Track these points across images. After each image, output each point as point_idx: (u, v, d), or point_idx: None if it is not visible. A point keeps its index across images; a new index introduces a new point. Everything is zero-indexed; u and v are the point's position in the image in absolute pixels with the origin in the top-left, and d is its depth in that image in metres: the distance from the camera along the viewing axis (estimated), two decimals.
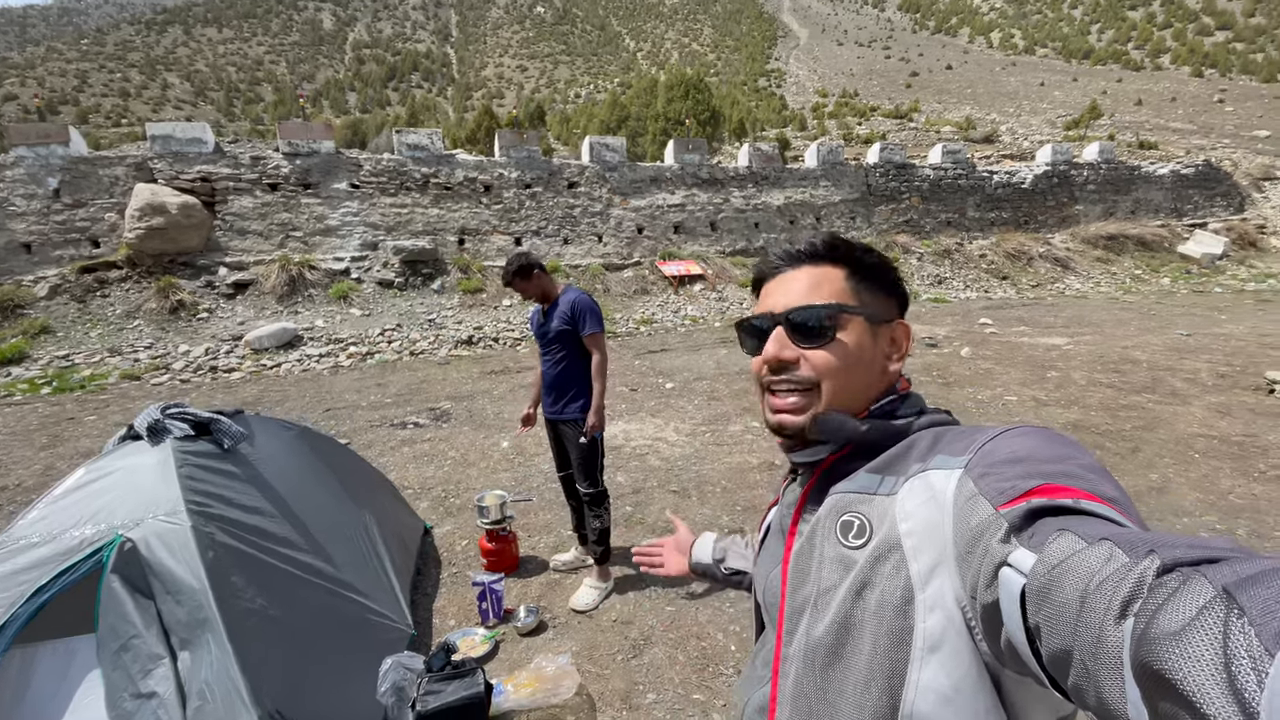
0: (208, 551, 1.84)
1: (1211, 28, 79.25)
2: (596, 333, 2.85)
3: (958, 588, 0.54)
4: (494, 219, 12.28)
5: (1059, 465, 0.52)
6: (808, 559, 0.67)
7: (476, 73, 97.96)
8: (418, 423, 5.67)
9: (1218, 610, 0.30)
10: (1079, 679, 0.39)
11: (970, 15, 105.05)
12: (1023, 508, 0.48)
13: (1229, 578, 0.32)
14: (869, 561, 0.59)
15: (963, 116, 40.30)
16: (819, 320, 0.70)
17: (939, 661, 0.54)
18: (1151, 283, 15.14)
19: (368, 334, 9.45)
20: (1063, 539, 0.43)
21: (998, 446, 0.57)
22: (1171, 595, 0.33)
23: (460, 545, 3.44)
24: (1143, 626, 0.34)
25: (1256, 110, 40.41)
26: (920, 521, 0.57)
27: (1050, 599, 0.41)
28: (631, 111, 33.40)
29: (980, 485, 0.53)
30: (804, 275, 0.74)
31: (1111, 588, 0.37)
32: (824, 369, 0.70)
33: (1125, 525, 0.45)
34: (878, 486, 0.64)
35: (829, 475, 0.71)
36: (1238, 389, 5.87)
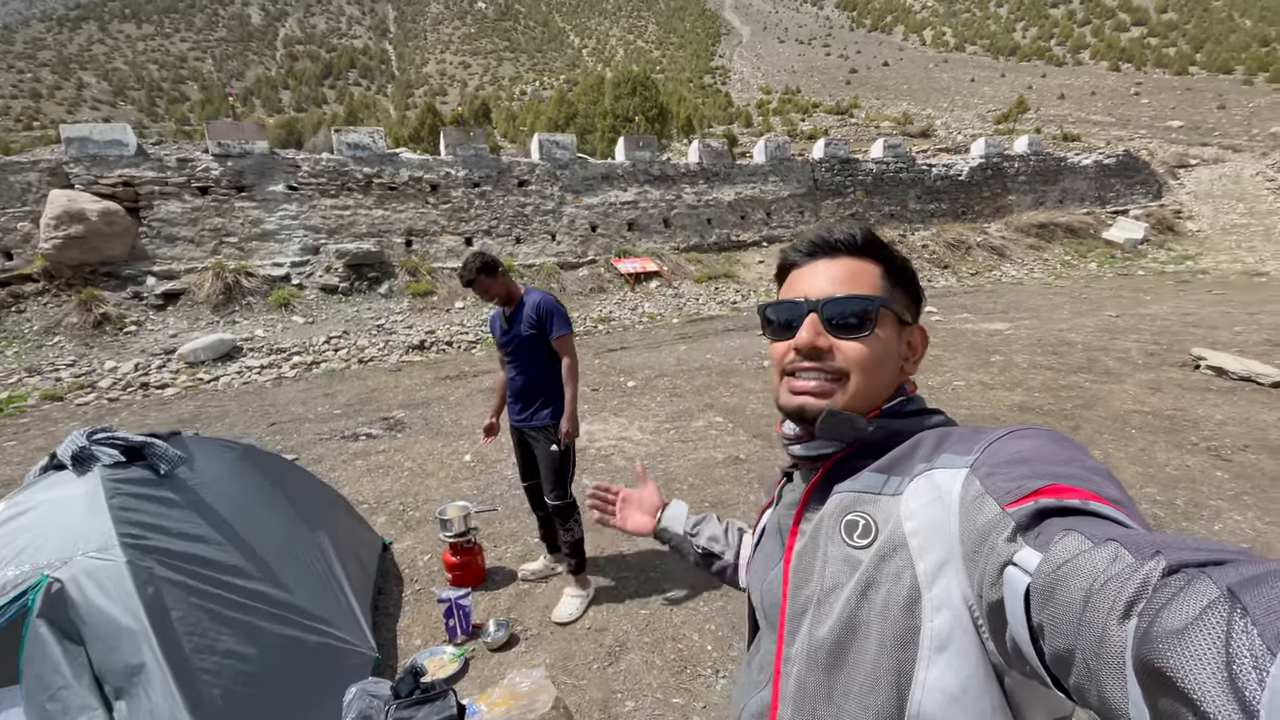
0: (146, 588, 1.69)
1: (1127, 24, 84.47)
2: (565, 335, 2.75)
3: (965, 586, 0.54)
4: (442, 219, 11.96)
5: (1065, 466, 0.52)
6: (811, 559, 0.66)
7: (417, 69, 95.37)
8: (370, 433, 5.44)
9: (1221, 610, 0.30)
10: (1081, 678, 0.39)
11: (904, 13, 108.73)
12: (1030, 507, 0.48)
13: (1233, 578, 0.32)
14: (874, 561, 0.59)
15: (900, 112, 41.68)
16: (862, 312, 0.69)
17: (946, 661, 0.54)
18: (1080, 268, 15.99)
19: (312, 342, 9.05)
20: (1068, 539, 0.43)
21: (1003, 447, 0.57)
22: (1176, 595, 0.33)
23: (423, 560, 3.31)
24: (1145, 625, 0.34)
25: (1170, 102, 43.28)
26: (926, 520, 0.57)
27: (1054, 598, 0.41)
28: (579, 109, 33.15)
29: (987, 484, 0.53)
30: (842, 266, 0.72)
31: (1116, 588, 0.37)
32: (857, 361, 0.68)
33: (1131, 527, 0.45)
34: (883, 486, 0.64)
35: (832, 474, 0.70)
36: (1166, 366, 6.24)
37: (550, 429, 2.76)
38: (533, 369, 2.78)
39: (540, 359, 2.78)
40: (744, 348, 8.18)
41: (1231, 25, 75.13)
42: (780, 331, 0.73)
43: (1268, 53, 62.46)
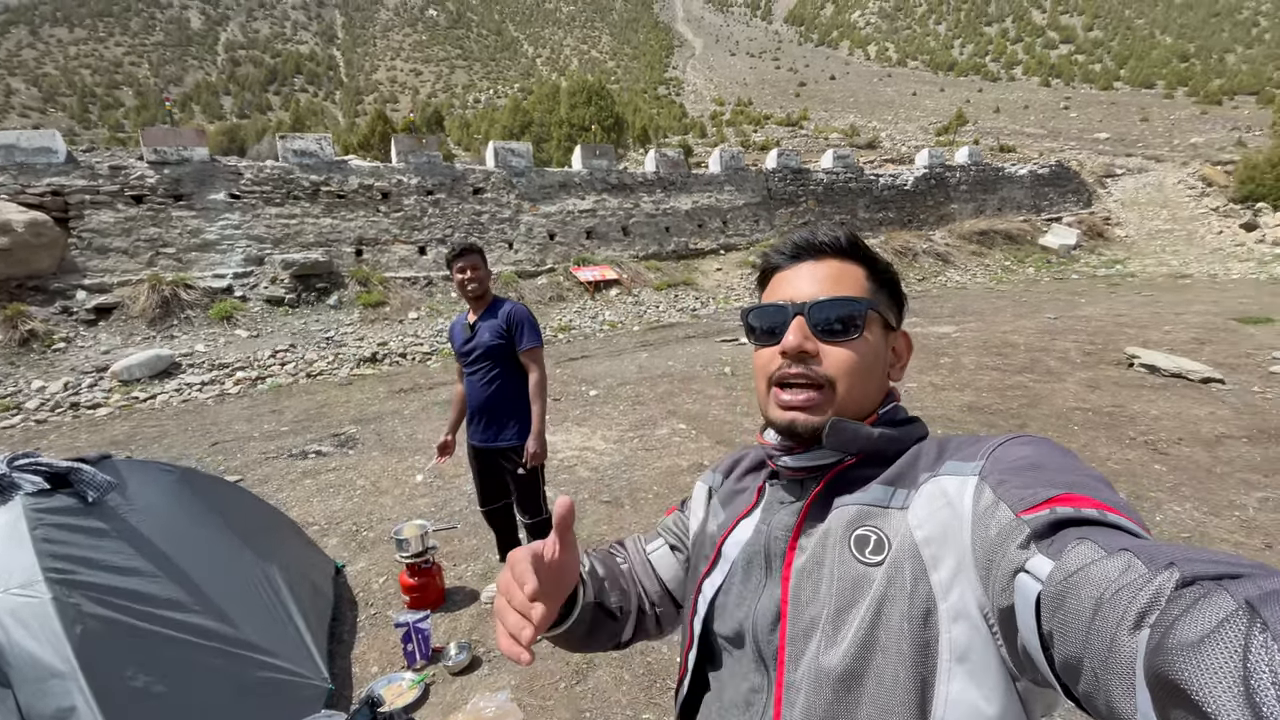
0: (74, 626, 1.55)
1: (1056, 41, 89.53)
2: (535, 348, 2.64)
3: (980, 595, 0.53)
4: (394, 228, 11.67)
5: (1072, 475, 0.52)
6: (815, 577, 0.63)
7: (367, 76, 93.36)
8: (320, 451, 5.22)
9: (1239, 623, 0.30)
10: (1089, 686, 0.39)
11: (849, 29, 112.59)
12: (1046, 516, 0.48)
13: (1251, 592, 0.31)
14: (887, 576, 0.58)
15: (847, 124, 43.02)
16: (850, 315, 0.67)
17: (967, 672, 0.53)
18: (1019, 272, 16.75)
19: (257, 356, 8.66)
20: (1082, 547, 0.43)
21: (1006, 453, 0.57)
22: (1191, 607, 0.33)
23: (378, 583, 3.17)
24: (1159, 637, 0.33)
25: (1097, 115, 45.99)
26: (936, 528, 0.57)
27: (1065, 605, 0.41)
28: (535, 117, 33.00)
29: (999, 492, 0.53)
30: (828, 268, 0.70)
31: (1128, 597, 0.37)
32: (843, 367, 0.66)
33: (1144, 538, 0.44)
34: (890, 499, 0.62)
35: (832, 486, 0.67)
36: (1102, 364, 6.56)
37: (517, 450, 2.66)
38: (497, 382, 2.66)
39: (506, 372, 2.66)
40: (705, 354, 8.23)
41: (1153, 42, 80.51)
42: (765, 337, 0.71)
43: (1186, 68, 67.21)
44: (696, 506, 0.87)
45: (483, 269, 2.59)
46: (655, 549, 0.89)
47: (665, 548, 0.89)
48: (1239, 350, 6.58)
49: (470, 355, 2.67)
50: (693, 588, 0.77)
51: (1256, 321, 8.03)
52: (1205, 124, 41.13)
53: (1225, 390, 5.36)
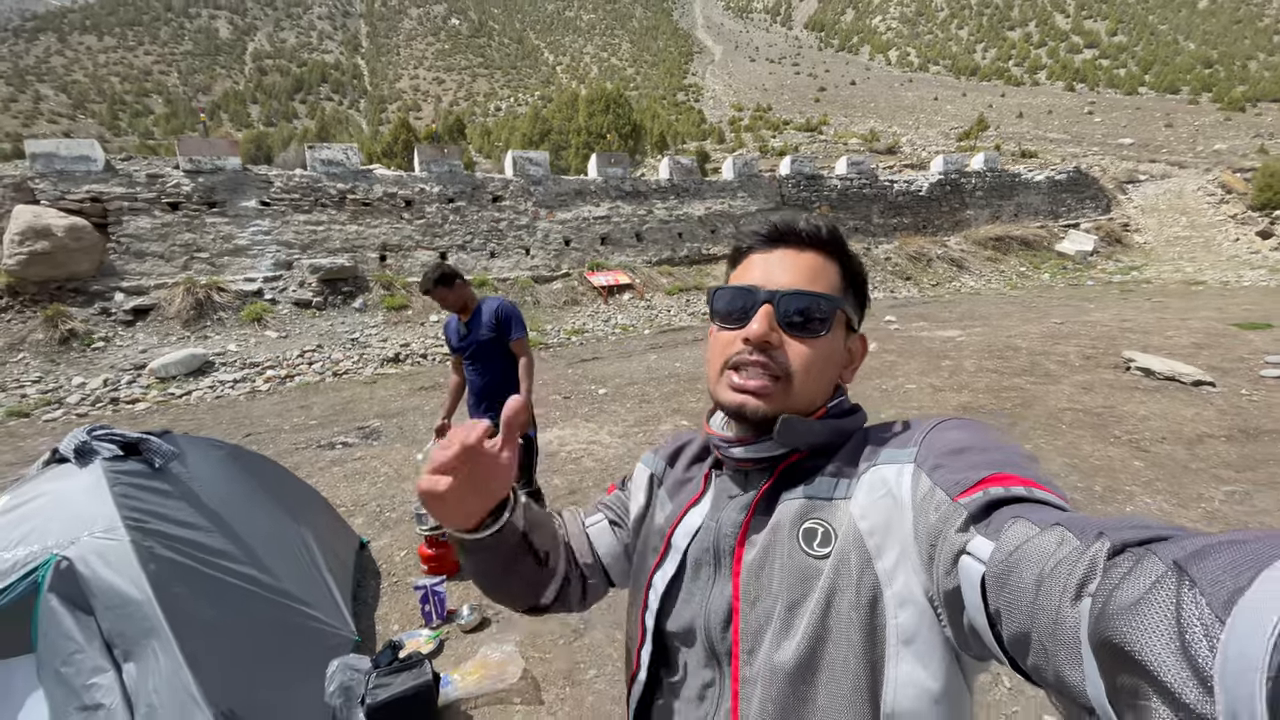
0: (149, 564, 1.87)
1: (1080, 46, 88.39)
2: (522, 337, 3.02)
3: (924, 579, 0.54)
4: (417, 234, 12.12)
5: (998, 454, 0.56)
6: (766, 571, 0.63)
7: (390, 84, 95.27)
8: (346, 442, 5.59)
9: (1169, 583, 0.32)
10: (1038, 659, 0.41)
11: (870, 34, 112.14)
12: (979, 498, 0.50)
13: (1178, 553, 0.33)
14: (834, 567, 0.59)
15: (868, 129, 42.96)
16: (819, 311, 0.67)
17: (914, 654, 0.55)
18: (1034, 279, 16.73)
19: (286, 356, 9.12)
20: (1017, 526, 0.45)
21: (937, 438, 0.60)
22: (1127, 574, 0.35)
23: (399, 556, 3.49)
24: (1100, 604, 0.35)
25: (1121, 120, 45.39)
26: (879, 517, 0.58)
27: (1008, 584, 0.43)
28: (554, 125, 33.60)
29: (934, 477, 0.56)
30: (805, 259, 0.69)
31: (1066, 570, 0.39)
32: (802, 362, 0.66)
33: (1069, 510, 0.48)
34: (833, 490, 0.63)
35: (780, 479, 0.68)
36: (1100, 368, 6.69)
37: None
38: (493, 370, 3.04)
39: (500, 361, 3.04)
40: None
41: (1176, 48, 79.17)
42: (729, 319, 0.69)
43: (1210, 74, 66.03)
44: (637, 490, 0.85)
45: (452, 295, 2.97)
46: (594, 523, 0.87)
47: (604, 522, 0.87)
48: (1234, 355, 6.67)
49: (466, 350, 3.07)
50: (642, 581, 0.74)
51: (1256, 327, 8.07)
52: (1229, 130, 40.39)
53: (1215, 393, 5.49)
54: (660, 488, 0.82)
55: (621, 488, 0.90)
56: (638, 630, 0.73)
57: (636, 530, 0.83)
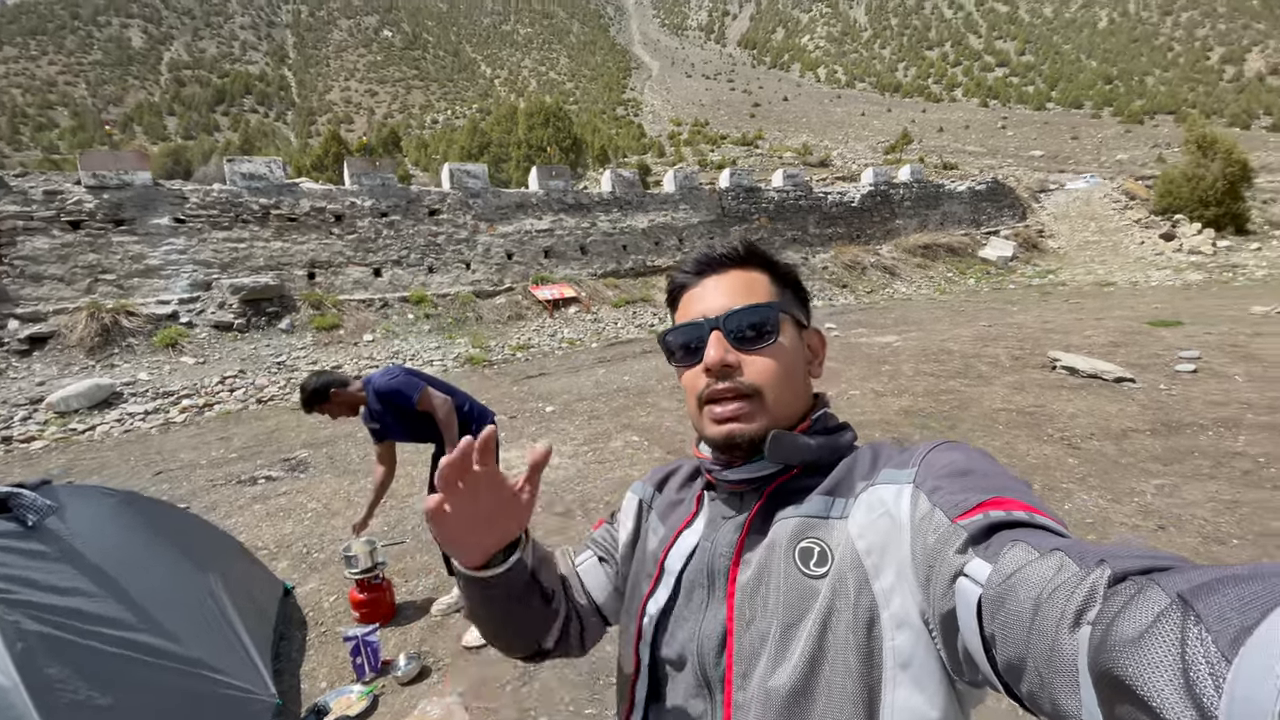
0: (15, 643, 1.59)
1: (992, 65, 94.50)
2: (420, 395, 2.72)
3: (920, 601, 0.54)
4: (348, 250, 11.59)
5: (998, 479, 0.55)
6: (761, 593, 0.62)
7: (320, 97, 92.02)
8: (270, 476, 5.18)
9: (1174, 617, 0.31)
10: (1033, 686, 0.40)
11: (800, 52, 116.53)
12: (980, 520, 0.49)
13: (1182, 586, 0.32)
14: (832, 588, 0.58)
15: (800, 143, 44.44)
16: (763, 321, 0.67)
17: (911, 679, 0.54)
18: (961, 283, 17.55)
19: (204, 384, 8.48)
20: (1016, 549, 0.45)
21: (935, 459, 0.60)
22: (1127, 603, 0.34)
23: (328, 602, 3.20)
24: (1100, 634, 0.34)
25: (1031, 134, 48.71)
26: (877, 537, 0.58)
27: (1005, 608, 0.43)
28: (493, 138, 33.18)
29: (934, 498, 0.55)
30: (732, 279, 0.71)
31: (1064, 596, 0.38)
32: (766, 375, 0.67)
33: (1069, 537, 0.47)
34: (830, 509, 0.63)
35: (773, 499, 0.68)
36: (1028, 368, 6.98)
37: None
38: (427, 433, 2.83)
39: (423, 423, 2.79)
40: (659, 368, 8.41)
41: (1080, 66, 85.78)
42: (686, 357, 0.70)
43: (1111, 89, 71.87)
44: (626, 519, 0.84)
45: (333, 409, 2.72)
46: (583, 561, 0.85)
47: (593, 559, 0.85)
48: (1149, 351, 7.11)
49: (397, 437, 2.88)
50: (635, 609, 0.72)
51: (1167, 324, 8.66)
52: (1129, 141, 43.97)
53: (1135, 388, 5.80)
54: (651, 513, 0.81)
55: (610, 521, 0.89)
56: (631, 663, 0.71)
57: (627, 560, 0.81)
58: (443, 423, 2.75)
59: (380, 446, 2.94)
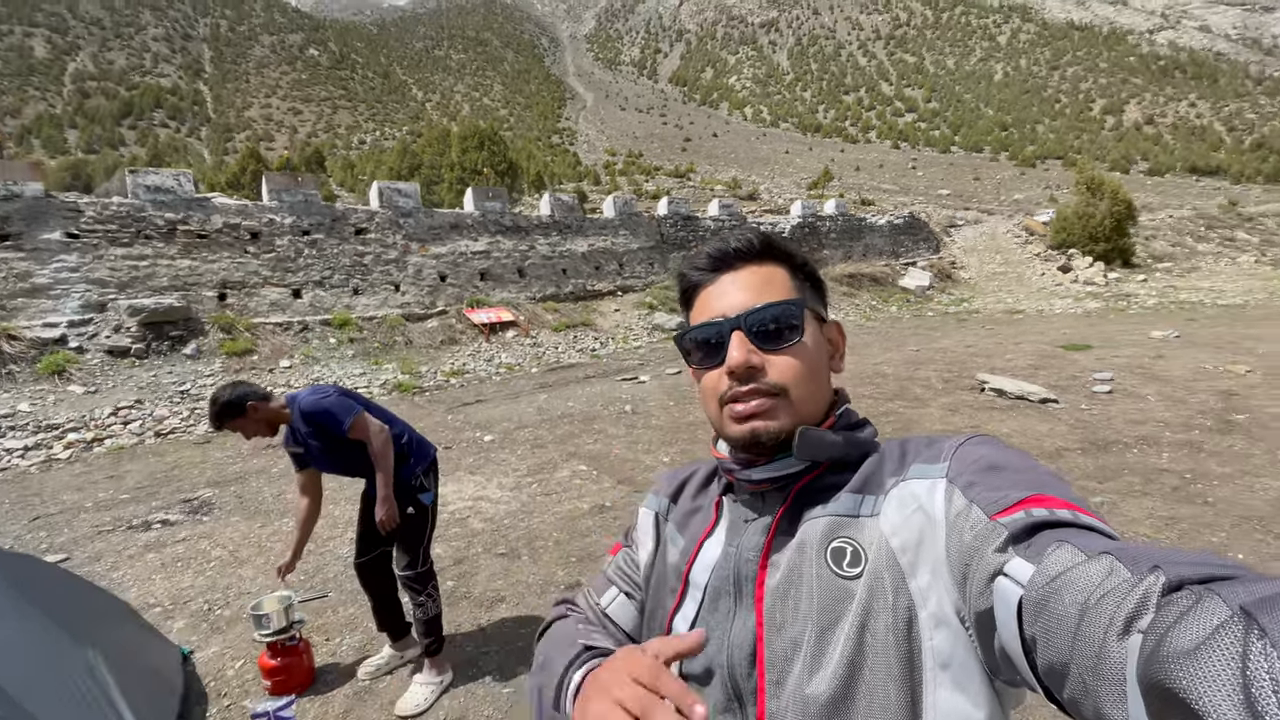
0: None
1: (903, 110, 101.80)
2: (353, 419, 2.38)
3: (955, 598, 0.52)
4: (265, 270, 10.81)
5: (1035, 474, 0.53)
6: (793, 596, 0.59)
7: (239, 113, 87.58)
8: (167, 520, 4.57)
9: (1235, 630, 0.29)
10: (1076, 692, 0.39)
11: (727, 92, 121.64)
12: (1021, 518, 0.47)
13: (1245, 598, 0.31)
14: (868, 588, 0.56)
15: (730, 177, 46.04)
16: (786, 318, 0.64)
17: (952, 679, 0.52)
18: (884, 311, 18.38)
19: (94, 415, 7.56)
20: (1062, 551, 0.43)
21: (968, 453, 0.58)
22: (1184, 613, 0.32)
23: (234, 668, 2.76)
24: (1153, 644, 0.33)
25: (939, 174, 52.53)
26: (911, 534, 0.56)
27: (1049, 611, 0.41)
28: (425, 160, 32.40)
29: (970, 494, 0.53)
30: (750, 275, 0.67)
31: (1114, 603, 0.37)
32: (792, 374, 0.63)
33: (1116, 539, 0.45)
34: (860, 507, 0.60)
35: (799, 498, 0.65)
36: (959, 390, 7.25)
37: (405, 484, 2.49)
38: (354, 462, 2.47)
39: (352, 452, 2.45)
40: (605, 393, 8.21)
41: (979, 114, 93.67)
42: (705, 359, 0.67)
43: (1006, 135, 78.72)
44: (644, 536, 0.80)
45: (248, 426, 2.35)
46: (610, 600, 0.80)
47: (621, 597, 0.80)
48: (1067, 373, 7.55)
49: (319, 465, 2.52)
50: (660, 627, 0.69)
51: (1078, 348, 9.28)
52: (1024, 183, 48.17)
53: (1059, 409, 6.09)
54: (668, 524, 0.78)
55: (626, 543, 0.84)
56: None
57: (648, 578, 0.76)
58: (377, 454, 2.39)
59: (303, 475, 2.55)
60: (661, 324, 14.13)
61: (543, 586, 3.35)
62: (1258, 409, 5.63)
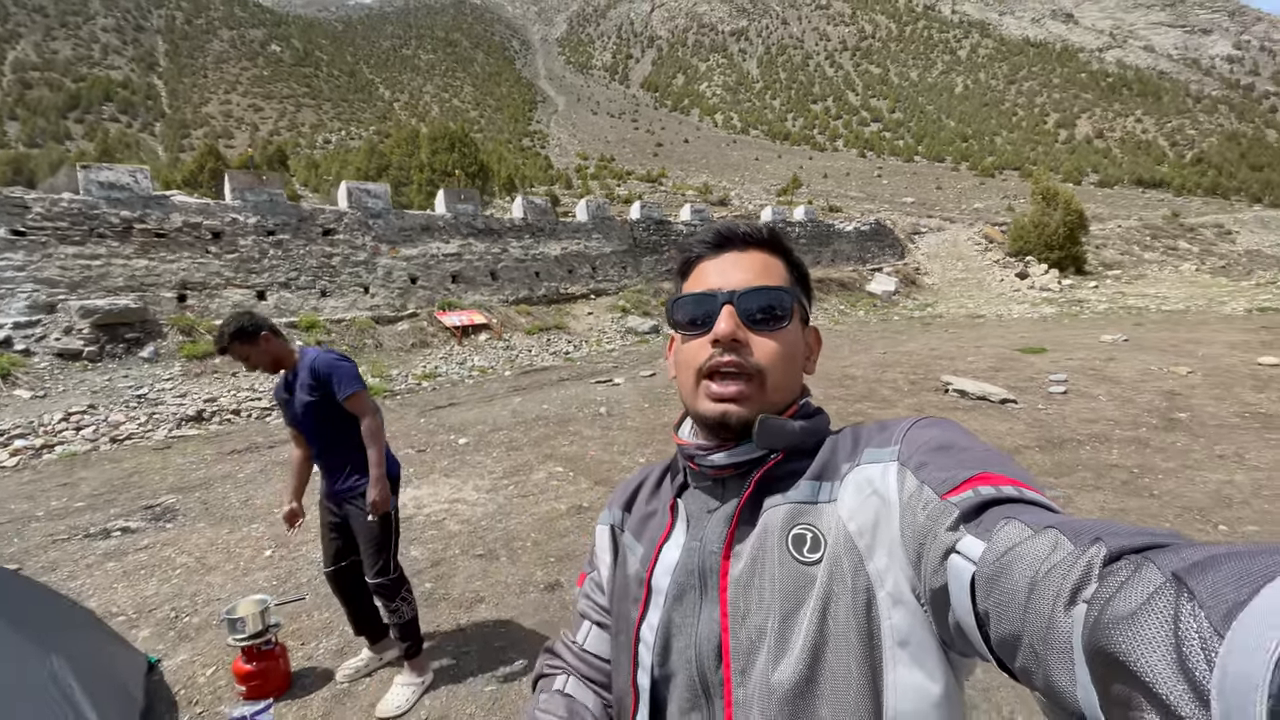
0: None
1: (869, 120, 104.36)
2: (356, 392, 2.40)
3: (911, 577, 0.54)
4: (227, 270, 10.51)
5: (981, 452, 0.55)
6: (756, 584, 0.60)
7: (196, 109, 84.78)
8: (128, 527, 4.40)
9: (1168, 594, 0.31)
10: (1027, 662, 0.40)
11: (699, 98, 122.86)
12: (970, 497, 0.49)
13: (1177, 564, 0.32)
14: (828, 572, 0.57)
15: (701, 182, 46.50)
16: (778, 303, 0.67)
17: (910, 656, 0.54)
18: (852, 315, 18.78)
19: (43, 421, 7.23)
20: (1010, 527, 0.44)
21: (917, 435, 0.60)
22: (1124, 582, 0.34)
23: (205, 675, 2.68)
24: (1096, 613, 0.34)
25: (903, 182, 53.94)
26: (868, 518, 0.57)
27: (999, 585, 0.42)
28: (393, 160, 31.92)
29: (921, 475, 0.55)
30: (752, 258, 0.69)
31: (1060, 575, 0.38)
32: (771, 357, 0.65)
33: (1059, 513, 0.46)
34: (818, 494, 0.62)
35: (759, 487, 0.66)
36: (925, 391, 7.46)
37: (364, 494, 2.45)
38: (329, 436, 2.44)
39: (336, 425, 2.43)
40: (580, 396, 8.20)
41: (941, 125, 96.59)
42: (693, 327, 0.68)
43: (967, 146, 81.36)
44: (602, 553, 0.81)
45: (253, 353, 2.35)
46: (586, 635, 0.81)
47: (595, 630, 0.81)
48: (1024, 375, 7.84)
49: (297, 419, 2.46)
50: (628, 638, 0.69)
51: (1035, 351, 9.65)
52: (984, 192, 49.80)
53: (1018, 409, 6.33)
54: (624, 534, 0.78)
55: (589, 568, 0.84)
56: (630, 695, 0.67)
57: (611, 592, 0.77)
58: (370, 431, 2.39)
59: (293, 430, 2.55)
60: (635, 327, 14.18)
61: (522, 586, 3.34)
62: (1198, 408, 5.94)
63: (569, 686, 0.78)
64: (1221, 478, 4.27)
